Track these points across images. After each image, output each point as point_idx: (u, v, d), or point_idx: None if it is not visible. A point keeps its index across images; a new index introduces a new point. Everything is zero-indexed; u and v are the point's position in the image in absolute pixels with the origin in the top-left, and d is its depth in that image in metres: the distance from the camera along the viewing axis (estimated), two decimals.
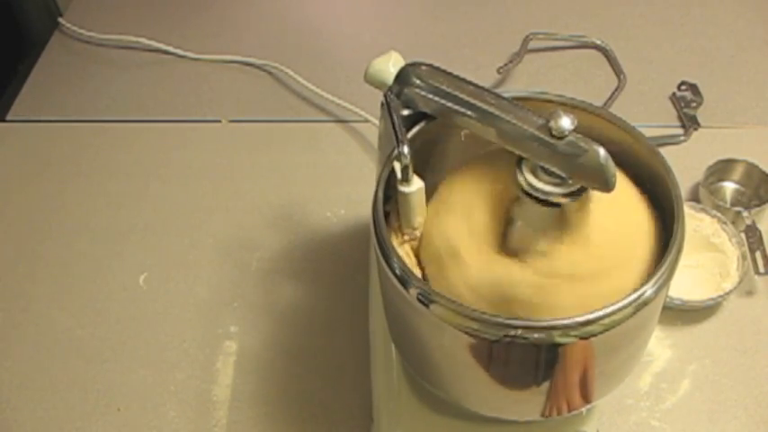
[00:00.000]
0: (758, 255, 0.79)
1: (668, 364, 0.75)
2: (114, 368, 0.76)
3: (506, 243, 0.52)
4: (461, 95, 0.52)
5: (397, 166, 0.52)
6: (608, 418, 0.70)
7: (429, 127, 0.57)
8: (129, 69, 1.09)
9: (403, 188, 0.52)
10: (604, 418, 0.69)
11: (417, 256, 0.56)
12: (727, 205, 0.83)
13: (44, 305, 0.82)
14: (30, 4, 1.14)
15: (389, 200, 0.54)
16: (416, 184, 0.53)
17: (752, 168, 0.86)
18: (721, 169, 0.87)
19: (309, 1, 1.20)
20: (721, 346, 0.75)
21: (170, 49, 1.10)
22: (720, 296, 0.76)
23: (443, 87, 0.53)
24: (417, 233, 0.55)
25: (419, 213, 0.54)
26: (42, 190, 0.93)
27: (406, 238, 0.55)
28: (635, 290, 0.47)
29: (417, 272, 0.55)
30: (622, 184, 0.53)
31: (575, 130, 0.48)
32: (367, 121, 0.97)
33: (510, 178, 0.51)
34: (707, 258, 0.79)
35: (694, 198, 0.87)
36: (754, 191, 0.86)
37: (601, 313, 0.45)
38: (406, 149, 0.51)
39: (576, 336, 0.45)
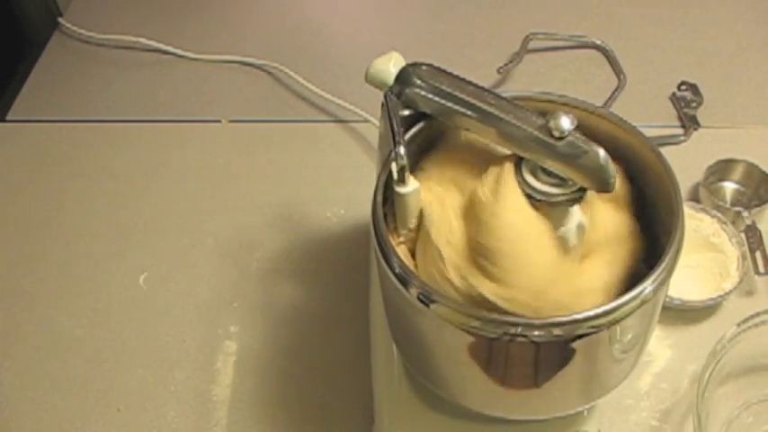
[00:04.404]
0: (758, 255, 0.79)
1: (668, 364, 0.75)
2: (114, 368, 0.76)
3: None
4: (462, 96, 0.52)
5: (394, 167, 0.52)
6: (608, 418, 0.70)
7: (429, 127, 0.57)
8: (129, 69, 1.09)
9: (399, 189, 0.52)
10: (604, 418, 0.69)
11: (414, 257, 0.56)
12: (727, 205, 0.83)
13: (44, 305, 0.82)
14: (30, 4, 1.14)
15: (388, 201, 0.54)
16: (412, 185, 0.53)
17: (752, 168, 0.86)
18: (721, 169, 0.87)
19: (309, 1, 1.20)
20: None
21: (170, 49, 1.10)
22: (720, 296, 0.76)
23: (444, 88, 0.53)
24: (413, 234, 0.55)
25: (415, 214, 0.54)
26: (42, 190, 0.93)
27: (401, 239, 0.55)
28: (634, 288, 0.47)
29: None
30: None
31: (575, 131, 0.48)
32: (367, 121, 0.97)
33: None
34: (707, 258, 0.79)
35: (694, 198, 0.87)
36: (754, 191, 0.86)
37: (600, 311, 0.45)
38: (402, 150, 0.51)
39: (576, 334, 0.45)
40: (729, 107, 0.99)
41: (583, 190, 0.50)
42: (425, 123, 0.57)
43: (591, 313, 0.45)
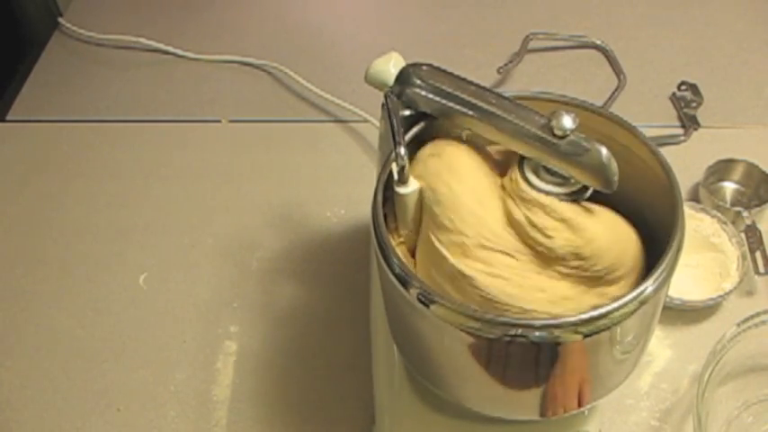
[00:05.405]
0: (758, 255, 0.79)
1: (668, 364, 0.75)
2: (114, 368, 0.76)
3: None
4: (463, 95, 0.52)
5: (394, 167, 0.52)
6: (608, 418, 0.70)
7: (429, 127, 0.57)
8: (129, 69, 1.09)
9: (399, 189, 0.52)
10: (604, 417, 0.69)
11: (414, 257, 0.56)
12: (727, 205, 0.83)
13: (44, 305, 0.82)
14: (30, 4, 1.14)
15: (388, 201, 0.54)
16: (413, 185, 0.53)
17: (752, 168, 0.86)
18: (721, 169, 0.87)
19: (309, 1, 1.20)
20: None
21: (170, 49, 1.10)
22: (720, 296, 0.76)
23: (444, 87, 0.53)
24: (414, 234, 0.55)
25: (415, 214, 0.54)
26: (42, 190, 0.93)
27: (402, 239, 0.55)
28: (635, 288, 0.47)
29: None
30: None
31: (576, 130, 0.48)
32: (367, 121, 0.97)
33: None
34: (707, 258, 0.79)
35: (694, 198, 0.87)
36: (754, 191, 0.86)
37: (601, 311, 0.45)
38: (402, 151, 0.51)
39: (576, 334, 0.45)
40: (729, 107, 0.99)
41: (585, 188, 0.50)
42: (426, 124, 0.57)
43: (592, 314, 0.45)
